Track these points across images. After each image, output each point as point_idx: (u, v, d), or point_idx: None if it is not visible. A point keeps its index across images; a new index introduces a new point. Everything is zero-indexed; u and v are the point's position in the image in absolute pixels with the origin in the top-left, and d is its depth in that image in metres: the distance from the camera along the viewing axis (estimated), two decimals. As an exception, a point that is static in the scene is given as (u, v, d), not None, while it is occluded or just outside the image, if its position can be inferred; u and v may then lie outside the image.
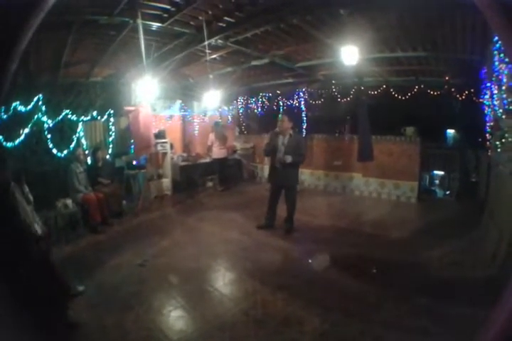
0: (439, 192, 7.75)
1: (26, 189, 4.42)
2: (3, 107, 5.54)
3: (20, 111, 5.88)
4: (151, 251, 4.76)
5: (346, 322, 3.01)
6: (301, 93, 8.43)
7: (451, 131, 8.30)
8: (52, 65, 5.85)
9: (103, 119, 7.18)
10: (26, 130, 5.91)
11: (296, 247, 4.79)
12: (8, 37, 1.01)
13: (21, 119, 5.89)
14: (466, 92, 6.85)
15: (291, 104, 8.65)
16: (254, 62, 6.68)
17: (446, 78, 6.90)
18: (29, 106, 5.98)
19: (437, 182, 7.95)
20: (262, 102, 9.28)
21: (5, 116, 5.64)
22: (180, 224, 6.01)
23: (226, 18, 4.75)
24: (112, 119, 7.30)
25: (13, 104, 5.77)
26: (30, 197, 4.34)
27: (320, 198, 7.60)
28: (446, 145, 8.07)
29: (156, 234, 5.43)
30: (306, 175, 8.52)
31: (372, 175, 7.52)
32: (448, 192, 7.55)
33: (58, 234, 5.16)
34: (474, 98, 6.62)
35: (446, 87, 7.02)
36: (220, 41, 5.40)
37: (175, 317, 3.24)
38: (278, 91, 9.01)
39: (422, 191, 7.24)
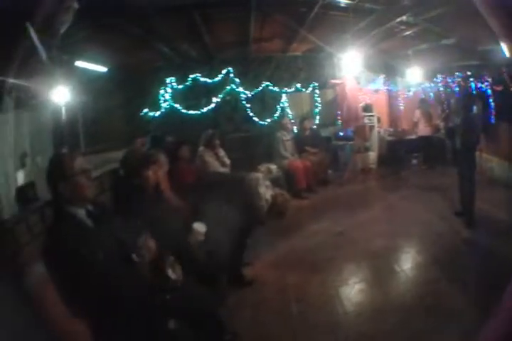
0: None
1: (222, 152, 4.79)
2: (173, 78, 6.41)
3: (205, 82, 6.58)
4: (349, 221, 4.80)
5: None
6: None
7: None
8: (237, 40, 6.17)
9: (308, 91, 7.42)
10: (216, 99, 6.59)
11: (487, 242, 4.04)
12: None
13: (206, 90, 6.60)
14: None
15: (481, 87, 7.11)
16: (443, 41, 5.94)
17: None
18: (216, 78, 6.65)
19: None
20: (458, 82, 7.89)
21: (181, 87, 6.42)
22: (381, 199, 5.87)
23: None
24: (317, 91, 7.47)
25: (192, 76, 6.53)
26: (227, 161, 4.76)
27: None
28: None
29: (357, 206, 5.43)
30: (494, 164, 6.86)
31: None
32: None
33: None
34: None
35: None
36: (410, 18, 4.98)
37: (358, 289, 3.23)
38: (468, 72, 7.54)
39: None
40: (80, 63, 4.93)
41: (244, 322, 2.84)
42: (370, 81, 8.24)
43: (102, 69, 5.63)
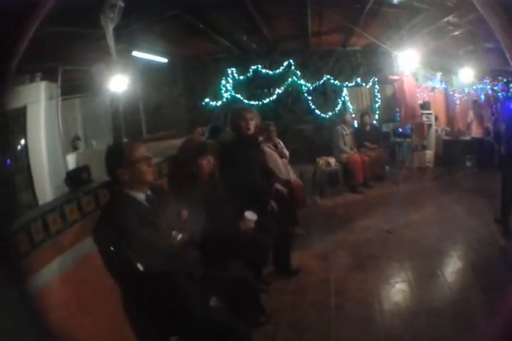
0: None
1: (281, 143, 4.74)
2: (233, 69, 6.56)
3: (266, 73, 6.70)
4: (399, 220, 4.73)
5: None
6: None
7: None
8: (296, 34, 6.27)
9: (368, 86, 7.34)
10: (278, 90, 6.69)
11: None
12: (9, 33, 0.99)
13: (267, 81, 6.72)
14: None
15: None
16: (486, 45, 5.69)
17: None
18: (277, 70, 6.76)
19: None
20: (502, 87, 7.51)
21: (242, 78, 6.57)
22: (434, 200, 5.74)
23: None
24: (376, 87, 7.39)
25: (253, 67, 6.67)
26: (286, 152, 4.69)
27: None
28: None
29: (409, 204, 5.32)
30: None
31: None
32: None
33: (315, 187, 5.78)
34: None
35: None
36: (455, 19, 4.96)
37: (397, 289, 3.25)
38: (509, 78, 7.15)
39: None
40: (137, 53, 5.18)
41: (283, 308, 2.96)
42: (427, 78, 8.06)
43: (161, 60, 5.91)
